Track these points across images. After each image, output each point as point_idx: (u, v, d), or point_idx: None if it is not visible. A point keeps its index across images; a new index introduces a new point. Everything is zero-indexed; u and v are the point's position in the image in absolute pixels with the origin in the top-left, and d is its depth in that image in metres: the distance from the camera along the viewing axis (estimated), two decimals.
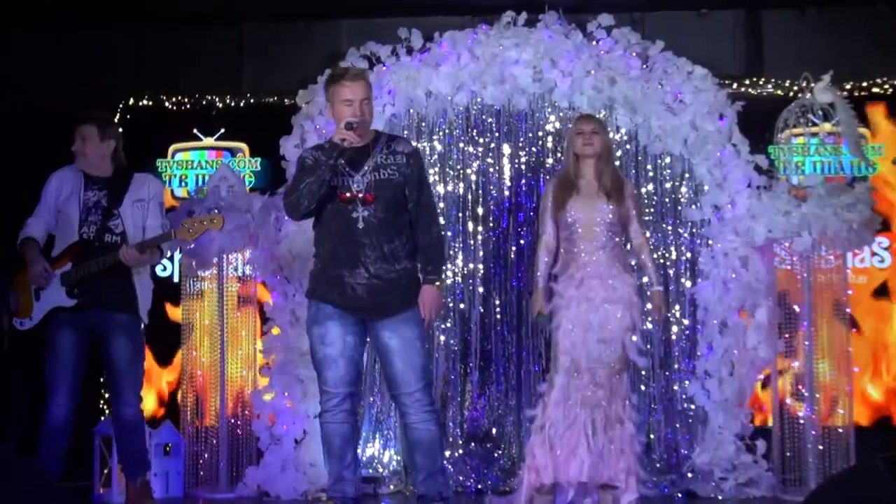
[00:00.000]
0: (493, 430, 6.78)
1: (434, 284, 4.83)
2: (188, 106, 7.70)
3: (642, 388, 6.63)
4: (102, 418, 6.81)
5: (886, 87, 7.34)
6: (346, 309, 4.79)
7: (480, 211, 6.92)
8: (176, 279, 7.43)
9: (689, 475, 6.42)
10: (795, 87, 7.15)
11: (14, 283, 5.60)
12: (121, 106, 7.66)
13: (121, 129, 5.96)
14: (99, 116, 5.67)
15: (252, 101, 7.66)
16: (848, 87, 7.15)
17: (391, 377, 4.83)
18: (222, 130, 7.71)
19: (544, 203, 5.64)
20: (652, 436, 6.61)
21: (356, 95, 4.78)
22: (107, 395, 7.05)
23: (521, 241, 6.89)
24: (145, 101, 7.71)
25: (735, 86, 7.25)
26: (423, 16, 7.22)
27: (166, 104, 7.70)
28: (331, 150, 4.72)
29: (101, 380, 6.95)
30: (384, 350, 4.81)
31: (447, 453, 6.51)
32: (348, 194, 4.76)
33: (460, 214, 6.86)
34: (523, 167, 6.93)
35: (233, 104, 7.66)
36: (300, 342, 6.46)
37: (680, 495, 6.33)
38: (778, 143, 6.77)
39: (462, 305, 6.84)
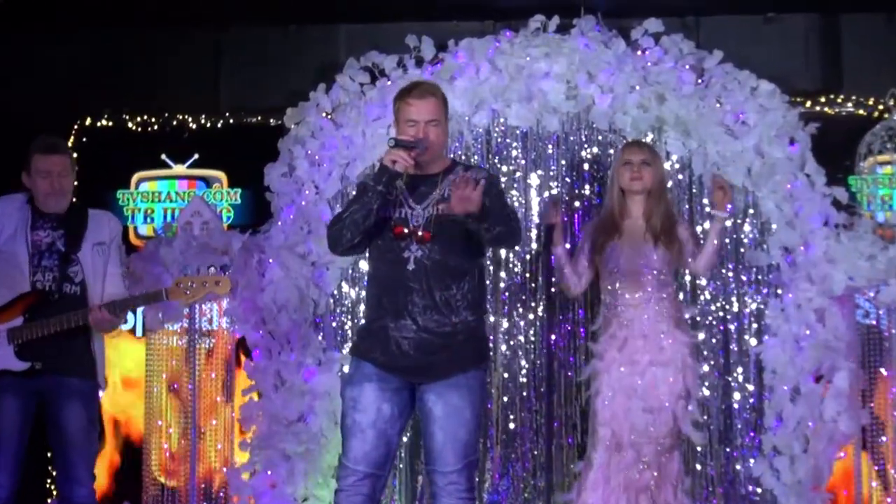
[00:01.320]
0: None
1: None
2: (155, 127, 7.76)
3: (697, 467, 6.61)
4: (49, 501, 6.82)
5: None
6: (390, 369, 4.77)
7: (503, 253, 6.96)
8: (139, 333, 7.47)
9: None
10: (881, 106, 7.19)
11: None
12: (75, 127, 7.75)
13: (75, 155, 6.03)
14: (59, 143, 5.76)
15: (231, 120, 7.73)
16: None
17: (428, 450, 4.77)
18: (196, 156, 7.79)
19: (581, 247, 5.69)
20: None
21: (422, 115, 4.82)
22: (54, 474, 7.03)
23: (552, 290, 6.90)
24: (104, 122, 7.78)
25: (809, 104, 7.30)
26: (436, 20, 7.32)
27: (129, 124, 7.77)
28: (380, 174, 4.76)
29: (49, 455, 6.94)
30: (425, 417, 4.75)
31: None
32: (404, 229, 4.80)
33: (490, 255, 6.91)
34: (552, 200, 6.94)
35: (208, 125, 7.74)
36: (287, 410, 6.47)
37: None
38: (860, 173, 6.80)
39: None
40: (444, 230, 4.76)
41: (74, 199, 5.79)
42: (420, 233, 4.75)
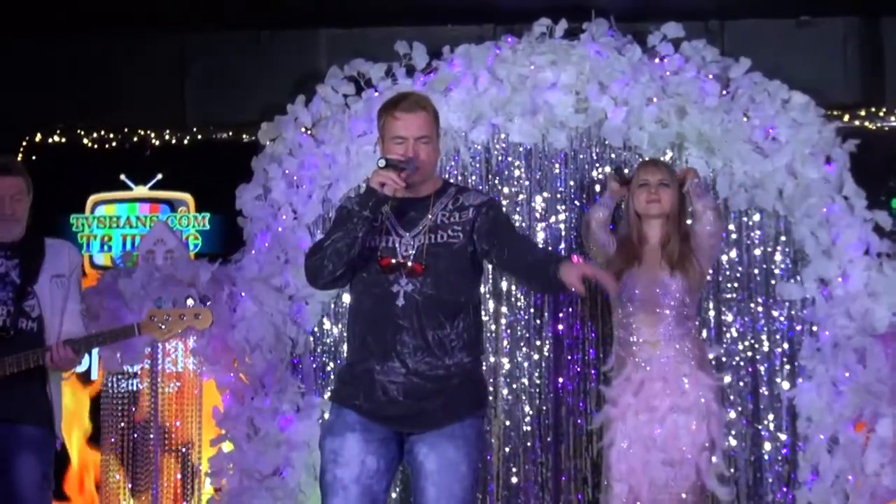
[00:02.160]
0: None
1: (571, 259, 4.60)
2: (113, 143, 7.77)
3: None
4: None
5: None
6: (375, 418, 4.71)
7: (504, 285, 6.96)
8: (94, 376, 7.43)
9: None
10: None
11: None
12: (23, 144, 7.76)
13: None
14: (11, 162, 5.75)
15: (199, 136, 7.75)
16: None
17: None
18: (159, 176, 7.79)
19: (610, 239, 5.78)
20: None
21: (411, 131, 4.75)
22: None
23: (560, 327, 6.91)
24: (55, 138, 7.79)
25: (847, 118, 7.32)
26: (429, 24, 7.34)
27: (84, 141, 7.78)
28: (366, 198, 4.71)
29: None
30: (416, 471, 4.68)
31: None
32: (392, 259, 4.76)
33: (483, 289, 6.87)
34: (562, 226, 6.98)
35: (173, 141, 7.75)
36: (261, 463, 6.44)
37: None
38: None
39: None
40: (438, 261, 4.71)
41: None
42: (410, 264, 4.70)
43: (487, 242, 4.74)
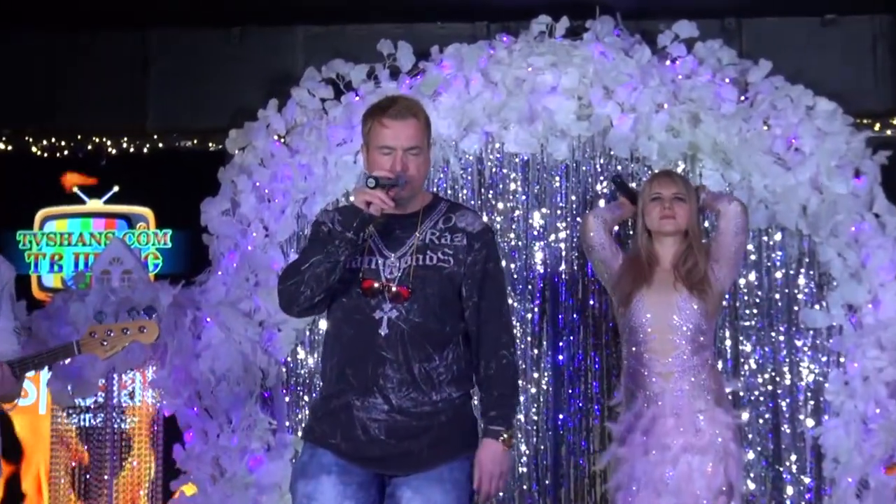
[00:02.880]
0: None
1: (500, 438, 4.63)
2: (65, 152, 7.75)
3: None
4: None
5: None
6: (354, 459, 4.64)
7: None
8: (42, 410, 7.39)
9: None
10: None
11: None
12: None
13: None
14: None
15: (160, 144, 7.72)
16: None
17: None
18: (115, 189, 7.78)
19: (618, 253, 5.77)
20: None
21: (400, 141, 4.65)
22: None
23: (560, 357, 6.92)
24: (1, 145, 7.76)
25: (878, 127, 7.31)
26: (416, 21, 7.34)
27: (32, 148, 7.76)
28: (350, 218, 4.65)
29: None
30: None
31: None
32: (375, 283, 4.72)
33: None
34: (562, 245, 7.00)
35: (132, 149, 7.73)
36: None
37: None
38: None
39: None
40: (426, 285, 4.64)
41: None
42: (395, 288, 4.65)
43: (466, 294, 4.73)
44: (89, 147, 7.75)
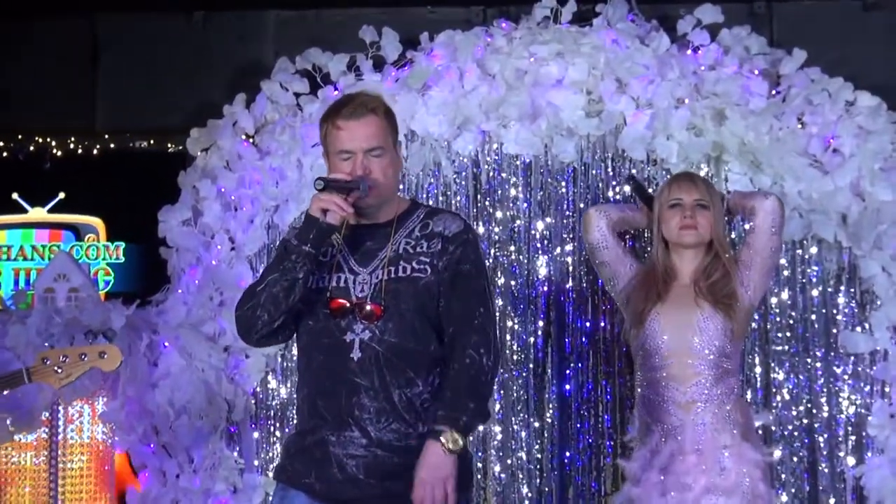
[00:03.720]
0: None
1: (440, 439, 4.56)
2: (4, 154, 7.75)
3: None
4: None
5: None
6: (330, 501, 4.66)
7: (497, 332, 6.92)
8: None
9: None
10: None
11: None
12: None
13: None
14: None
15: (112, 145, 7.74)
16: None
17: None
18: (61, 196, 7.78)
19: (629, 260, 5.74)
20: None
21: (357, 143, 4.69)
22: None
23: (567, 387, 6.90)
24: None
25: None
26: (403, 5, 7.33)
27: None
28: (306, 229, 4.66)
29: None
30: None
31: None
32: (345, 302, 4.72)
33: None
34: (569, 259, 6.97)
35: (80, 150, 7.73)
36: None
37: None
38: None
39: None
40: (400, 300, 4.66)
41: None
42: (368, 307, 4.65)
43: (442, 300, 4.71)
44: (31, 148, 7.76)
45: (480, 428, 6.75)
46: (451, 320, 4.69)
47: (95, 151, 7.73)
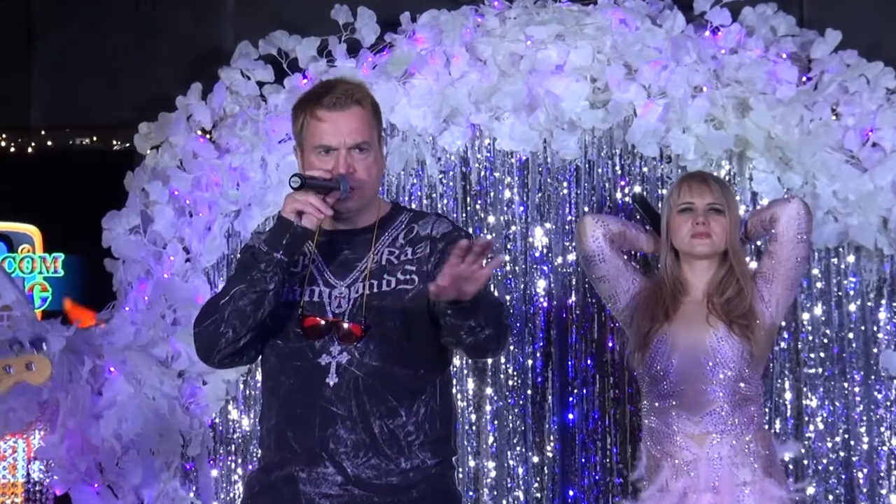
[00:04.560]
0: None
1: None
2: None
3: None
4: None
5: None
6: None
7: (490, 358, 6.88)
8: None
9: None
10: None
11: None
12: None
13: None
14: None
15: (49, 142, 7.70)
16: None
17: None
18: None
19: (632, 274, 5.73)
20: None
21: (340, 137, 4.67)
22: None
23: (570, 416, 6.89)
24: None
25: None
26: None
27: None
28: (278, 234, 4.64)
29: None
30: None
31: None
32: (320, 320, 4.70)
33: (457, 361, 6.82)
34: (572, 271, 6.95)
35: (12, 149, 7.70)
36: None
37: None
38: None
39: None
40: (384, 318, 4.65)
41: None
42: (346, 325, 4.64)
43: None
44: None
45: (471, 463, 6.76)
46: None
47: (30, 150, 7.70)
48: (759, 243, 6.52)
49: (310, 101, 4.74)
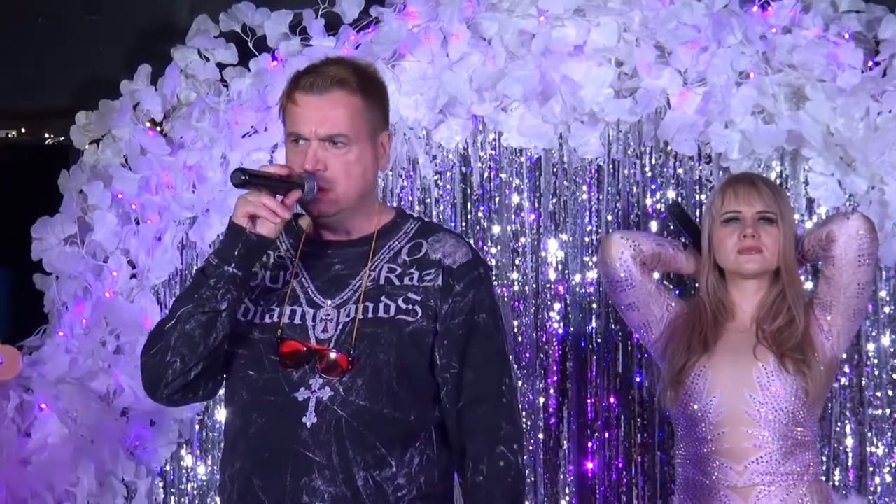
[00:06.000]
0: None
1: None
2: None
3: None
4: None
5: None
6: None
7: None
8: None
9: None
10: None
11: None
12: None
13: None
14: None
15: None
16: None
17: None
18: None
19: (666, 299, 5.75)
20: None
21: (310, 126, 4.61)
22: None
23: (590, 465, 6.95)
24: None
25: None
26: None
27: None
28: (229, 244, 4.58)
29: None
30: None
31: None
32: (300, 347, 4.61)
33: None
34: (590, 291, 7.03)
35: None
36: None
37: None
38: None
39: None
40: (378, 349, 4.60)
41: None
42: (332, 355, 4.59)
43: (443, 360, 4.66)
44: None
45: None
46: (464, 394, 4.63)
47: None
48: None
49: (292, 80, 4.69)
